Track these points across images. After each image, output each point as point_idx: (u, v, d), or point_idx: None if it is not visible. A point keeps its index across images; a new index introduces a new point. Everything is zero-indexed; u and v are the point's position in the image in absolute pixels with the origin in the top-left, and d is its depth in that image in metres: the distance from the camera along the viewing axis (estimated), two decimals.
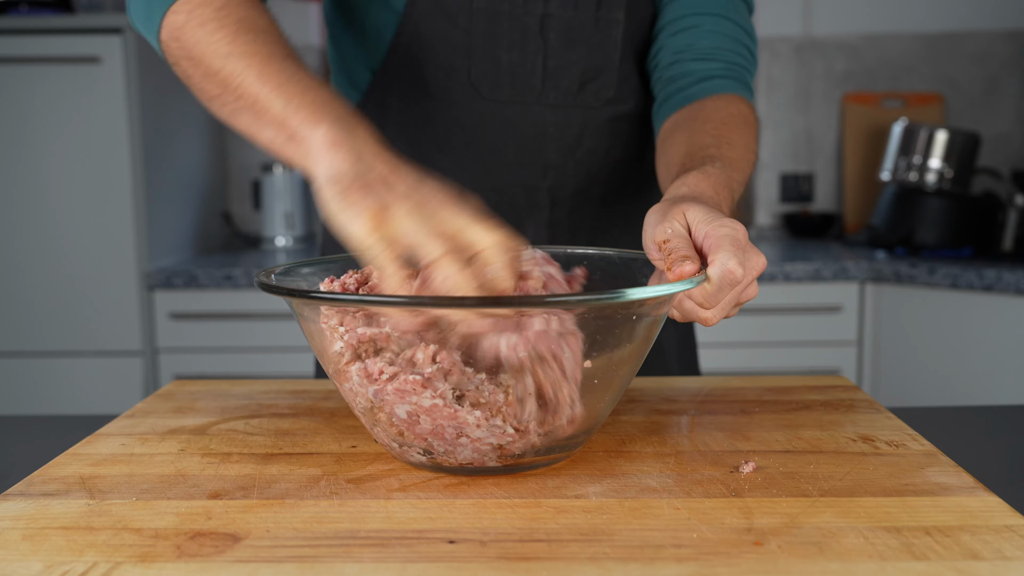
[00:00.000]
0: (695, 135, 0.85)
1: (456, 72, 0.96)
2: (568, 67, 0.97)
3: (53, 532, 0.54)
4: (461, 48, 0.95)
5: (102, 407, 2.22)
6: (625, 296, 0.56)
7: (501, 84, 0.96)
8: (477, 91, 0.96)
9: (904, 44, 2.73)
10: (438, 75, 0.96)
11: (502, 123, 0.98)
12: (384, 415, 0.60)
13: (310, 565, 0.50)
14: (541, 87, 0.97)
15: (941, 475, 0.62)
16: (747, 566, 0.49)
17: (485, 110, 0.97)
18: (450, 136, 0.98)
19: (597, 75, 0.98)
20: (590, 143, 1.00)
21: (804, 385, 0.86)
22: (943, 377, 2.16)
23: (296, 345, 2.27)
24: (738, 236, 0.63)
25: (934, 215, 2.33)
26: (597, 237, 1.04)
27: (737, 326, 2.25)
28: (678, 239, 0.64)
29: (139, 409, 0.81)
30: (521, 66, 0.96)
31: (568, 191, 1.01)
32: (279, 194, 2.66)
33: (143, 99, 2.22)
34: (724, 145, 0.82)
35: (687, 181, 0.74)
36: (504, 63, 0.96)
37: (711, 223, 0.64)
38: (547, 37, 0.96)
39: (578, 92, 0.98)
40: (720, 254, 0.61)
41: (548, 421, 0.60)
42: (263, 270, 0.68)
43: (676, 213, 0.66)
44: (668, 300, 0.63)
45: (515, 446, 0.60)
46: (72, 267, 2.23)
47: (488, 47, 0.95)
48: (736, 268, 0.61)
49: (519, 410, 0.58)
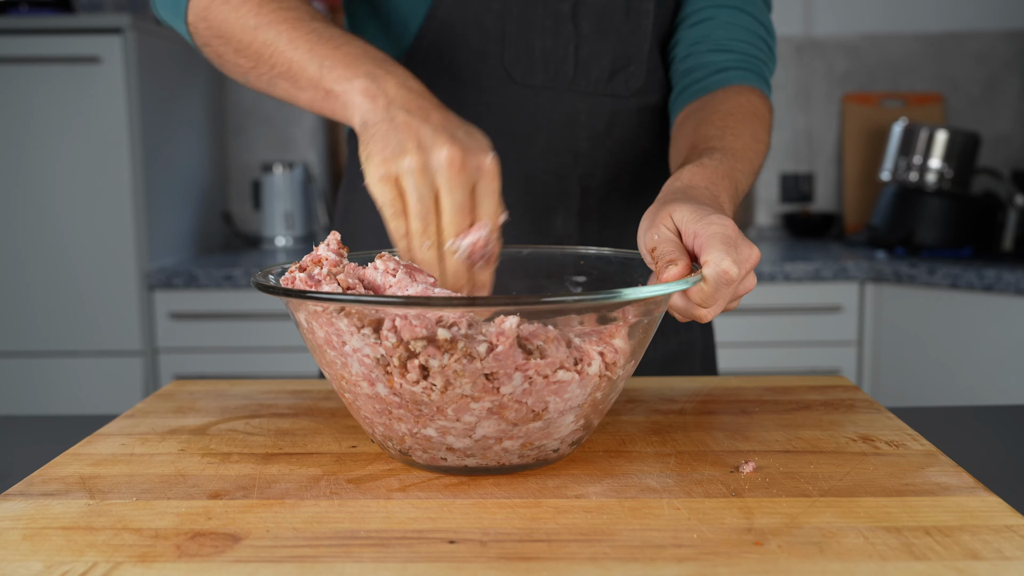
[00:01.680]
0: (701, 126, 0.85)
1: (489, 57, 0.95)
2: (600, 55, 0.97)
3: (53, 532, 0.54)
4: (494, 33, 0.94)
5: (102, 407, 2.22)
6: (622, 296, 0.56)
7: (534, 70, 0.96)
8: (510, 76, 0.96)
9: (904, 44, 2.73)
10: (470, 60, 0.96)
11: (533, 109, 0.97)
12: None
13: (310, 565, 0.50)
14: (573, 74, 0.97)
15: (941, 475, 0.62)
16: (747, 566, 0.49)
17: (517, 95, 0.97)
18: (480, 121, 0.97)
19: (627, 64, 0.98)
20: (620, 132, 1.00)
21: (804, 385, 0.86)
22: (943, 377, 2.16)
23: (296, 345, 2.27)
24: (728, 232, 0.63)
25: (934, 215, 2.33)
26: (627, 228, 1.03)
27: (737, 326, 2.25)
28: (665, 244, 0.64)
29: (139, 409, 0.80)
30: (553, 52, 0.96)
31: (598, 180, 1.01)
32: (279, 194, 2.66)
33: (143, 99, 2.22)
34: (728, 136, 0.82)
35: (681, 176, 0.74)
36: (537, 49, 0.95)
37: (699, 222, 0.64)
38: (579, 24, 0.95)
39: (608, 81, 0.98)
40: (713, 254, 0.61)
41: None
42: (260, 270, 0.68)
43: (663, 217, 0.66)
44: (664, 300, 0.63)
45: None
46: (72, 267, 2.23)
47: (521, 32, 0.95)
48: (731, 268, 0.61)
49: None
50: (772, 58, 0.98)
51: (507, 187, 0.97)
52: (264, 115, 2.83)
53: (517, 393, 0.57)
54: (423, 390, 0.57)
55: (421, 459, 0.63)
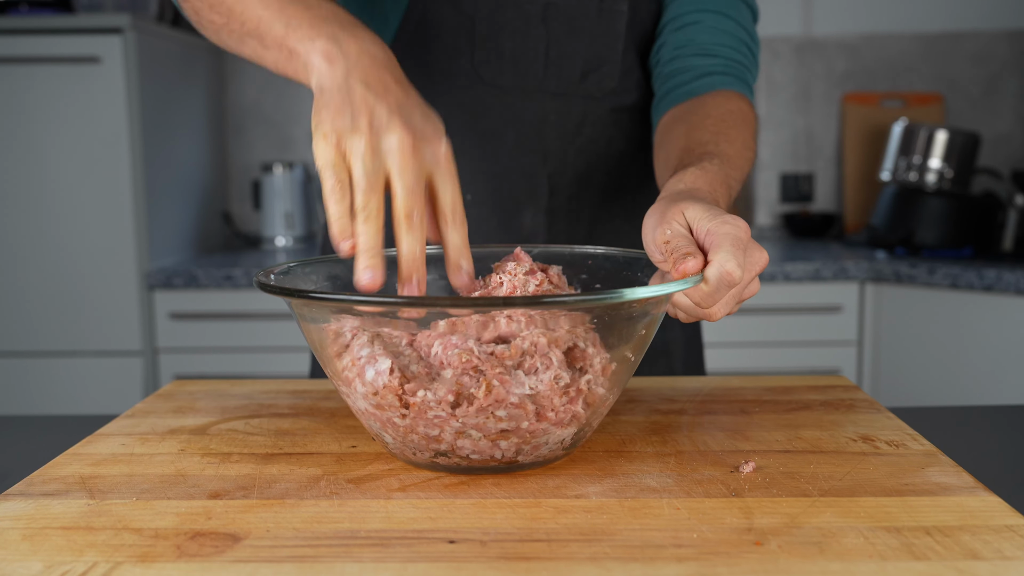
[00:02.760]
0: (694, 130, 0.85)
1: (460, 57, 0.96)
2: (570, 56, 0.97)
3: (53, 532, 0.54)
4: (465, 34, 0.95)
5: (102, 407, 2.22)
6: (622, 296, 0.56)
7: (503, 70, 0.97)
8: (479, 76, 0.97)
9: (904, 44, 2.73)
10: (441, 59, 0.97)
11: (503, 108, 0.98)
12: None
13: (310, 565, 0.50)
14: (543, 75, 0.97)
15: (941, 475, 0.62)
16: (747, 566, 0.49)
17: (486, 95, 0.98)
18: (451, 119, 0.98)
19: (599, 65, 0.98)
20: (591, 132, 1.01)
21: (804, 385, 0.86)
22: (943, 377, 2.16)
23: (296, 345, 2.27)
24: (740, 234, 0.62)
25: (934, 215, 2.33)
26: (597, 227, 1.03)
27: (737, 326, 2.25)
28: (679, 238, 0.64)
29: (139, 409, 0.80)
30: (524, 53, 0.96)
31: (567, 179, 1.01)
32: (279, 194, 2.66)
33: (143, 99, 2.22)
34: (722, 142, 0.82)
35: (684, 178, 0.73)
36: (507, 50, 0.96)
37: (713, 220, 0.63)
38: (550, 25, 0.96)
39: (580, 81, 0.98)
40: (719, 254, 0.61)
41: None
42: (262, 270, 0.68)
43: (675, 212, 0.66)
44: (665, 300, 0.63)
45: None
46: (72, 267, 2.23)
47: (491, 34, 0.95)
48: (735, 270, 0.61)
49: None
50: (755, 64, 0.98)
51: (475, 183, 0.98)
52: (264, 115, 2.83)
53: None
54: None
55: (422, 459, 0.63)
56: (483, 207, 0.99)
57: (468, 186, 0.75)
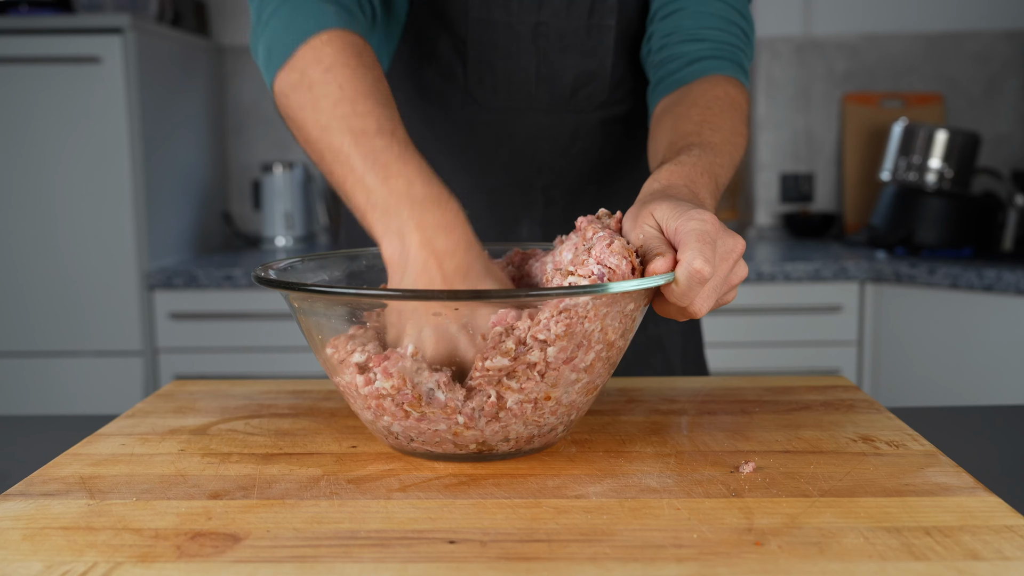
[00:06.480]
0: (679, 122, 0.84)
1: (453, 79, 0.98)
2: (561, 73, 0.98)
3: (53, 532, 0.54)
4: (457, 56, 0.97)
5: (102, 407, 2.22)
6: (588, 291, 0.57)
7: (496, 91, 0.98)
8: (472, 97, 0.99)
9: (904, 44, 2.73)
10: (435, 81, 0.99)
11: (497, 127, 1.00)
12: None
13: (310, 565, 0.50)
14: (534, 93, 0.99)
15: (941, 475, 0.62)
16: (747, 566, 0.49)
17: (480, 115, 0.99)
18: (447, 139, 1.00)
19: (590, 80, 0.99)
20: (583, 143, 1.02)
21: (804, 385, 0.86)
22: (943, 377, 2.16)
23: (296, 345, 2.27)
24: (706, 228, 0.62)
25: (934, 215, 2.33)
26: None
27: (737, 326, 2.25)
28: (651, 240, 0.64)
29: (139, 409, 0.80)
30: (515, 73, 0.98)
31: (562, 190, 1.03)
32: (279, 194, 2.66)
33: (143, 99, 2.22)
34: (707, 131, 0.81)
35: (659, 176, 0.73)
36: (499, 71, 0.98)
37: (679, 218, 0.63)
38: (540, 45, 0.97)
39: (571, 97, 1.00)
40: (686, 253, 0.61)
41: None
42: (261, 265, 0.68)
43: (645, 216, 0.66)
44: (638, 296, 0.63)
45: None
46: (72, 267, 2.23)
47: (483, 56, 0.97)
48: (702, 266, 0.60)
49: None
50: (748, 44, 0.96)
51: (472, 199, 1.00)
52: (264, 115, 2.83)
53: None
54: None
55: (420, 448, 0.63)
56: (480, 221, 0.99)
57: (465, 202, 0.75)
